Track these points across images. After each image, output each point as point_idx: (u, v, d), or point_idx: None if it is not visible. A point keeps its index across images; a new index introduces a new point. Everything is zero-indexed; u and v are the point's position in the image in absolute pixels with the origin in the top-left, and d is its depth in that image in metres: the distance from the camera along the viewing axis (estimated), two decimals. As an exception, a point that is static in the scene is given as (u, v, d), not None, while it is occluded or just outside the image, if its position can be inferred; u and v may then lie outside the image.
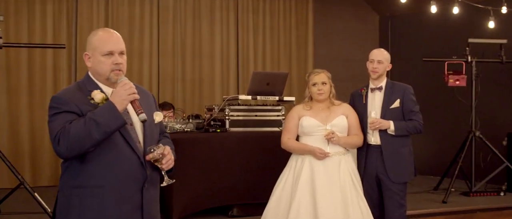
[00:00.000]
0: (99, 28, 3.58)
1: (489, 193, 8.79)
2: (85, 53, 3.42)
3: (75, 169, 3.25)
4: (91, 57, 3.39)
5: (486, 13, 9.25)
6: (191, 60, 10.78)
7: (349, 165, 5.45)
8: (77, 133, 3.10)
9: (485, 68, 9.15)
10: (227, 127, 6.93)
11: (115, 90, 3.26)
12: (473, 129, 8.84)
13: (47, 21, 9.65)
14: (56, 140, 3.13)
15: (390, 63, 5.82)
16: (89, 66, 3.42)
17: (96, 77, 3.40)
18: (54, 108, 3.22)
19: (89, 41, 3.41)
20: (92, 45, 3.38)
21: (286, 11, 11.56)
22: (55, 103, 3.23)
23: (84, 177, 3.24)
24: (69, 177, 3.28)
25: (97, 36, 3.40)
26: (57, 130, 3.14)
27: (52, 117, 3.21)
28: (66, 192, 3.28)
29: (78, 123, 3.13)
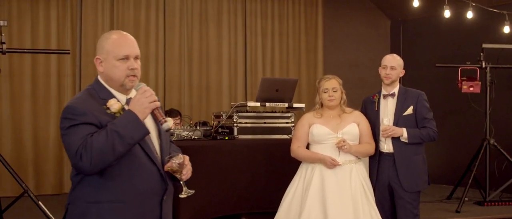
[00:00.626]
0: (112, 31, 3.36)
1: (504, 202, 8.66)
2: (97, 57, 3.23)
3: (92, 184, 3.06)
4: (104, 61, 3.20)
5: (501, 18, 9.14)
6: (198, 66, 10.66)
7: (360, 174, 5.41)
8: (99, 147, 2.92)
9: (500, 74, 9.02)
10: (235, 134, 6.81)
11: (135, 98, 3.09)
12: (487, 136, 8.71)
13: (51, 26, 9.54)
14: (77, 155, 2.93)
15: (403, 69, 5.70)
16: (101, 71, 3.23)
17: (109, 84, 3.22)
18: (70, 120, 3.00)
19: (102, 44, 3.22)
20: (105, 49, 3.19)
21: (295, 16, 11.44)
22: (70, 115, 3.01)
23: (103, 192, 3.07)
24: (85, 191, 3.09)
25: (111, 39, 3.22)
26: (77, 144, 2.94)
27: (68, 129, 3.00)
28: (81, 206, 3.10)
29: (99, 136, 2.95)
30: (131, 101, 3.10)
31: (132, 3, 10.12)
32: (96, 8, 9.86)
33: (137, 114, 3.02)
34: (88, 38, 9.68)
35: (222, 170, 6.72)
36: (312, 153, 5.43)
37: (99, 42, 3.24)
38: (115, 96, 3.19)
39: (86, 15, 9.81)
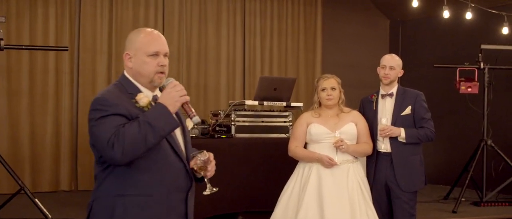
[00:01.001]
0: (142, 28, 3.37)
1: (500, 203, 8.66)
2: (126, 53, 3.23)
3: (119, 177, 3.06)
4: (133, 57, 3.21)
5: (500, 19, 9.14)
6: (196, 65, 10.64)
7: (357, 173, 5.41)
8: (132, 137, 2.93)
9: (498, 75, 9.02)
10: (233, 133, 6.82)
11: (166, 91, 3.13)
12: (485, 137, 8.72)
13: (50, 23, 9.48)
14: (109, 144, 2.92)
15: (401, 69, 5.70)
16: (130, 67, 3.23)
17: (136, 79, 3.23)
18: (100, 111, 3.00)
19: (132, 40, 3.24)
20: (135, 44, 3.21)
21: (294, 15, 11.42)
22: (100, 106, 3.01)
23: (130, 186, 3.06)
24: (111, 185, 3.08)
25: (143, 35, 3.24)
26: (109, 133, 2.93)
27: (99, 120, 2.99)
28: (106, 201, 3.09)
29: (131, 126, 2.96)
30: (161, 95, 3.13)
31: (131, 1, 10.08)
32: (95, 6, 9.82)
33: (168, 107, 3.05)
34: (87, 35, 9.65)
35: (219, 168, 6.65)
36: (309, 152, 5.42)
37: (129, 38, 3.26)
38: (143, 92, 3.21)
39: (85, 13, 9.76)
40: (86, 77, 9.58)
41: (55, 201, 8.33)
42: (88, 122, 3.04)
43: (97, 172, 3.15)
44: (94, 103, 3.02)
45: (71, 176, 9.49)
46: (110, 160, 2.99)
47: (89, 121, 3.03)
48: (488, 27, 9.69)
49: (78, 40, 9.68)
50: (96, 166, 3.15)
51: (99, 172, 3.13)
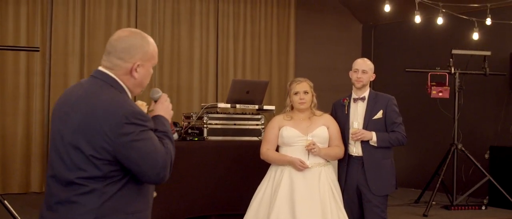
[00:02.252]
0: (142, 32, 3.05)
1: (470, 206, 8.75)
2: (137, 64, 2.93)
3: (132, 193, 2.87)
4: (141, 67, 2.96)
5: (470, 25, 9.22)
6: (169, 66, 10.59)
7: (329, 177, 5.41)
8: (173, 155, 2.91)
9: (469, 80, 9.11)
10: (205, 136, 6.79)
11: (164, 105, 3.12)
12: (455, 141, 8.80)
13: (21, 23, 9.38)
14: (164, 164, 2.82)
15: (373, 73, 5.71)
16: (135, 77, 2.96)
17: (130, 88, 2.99)
18: (140, 125, 2.77)
19: (144, 49, 2.96)
20: (147, 55, 2.97)
21: (267, 18, 11.43)
22: (139, 120, 2.77)
23: (140, 201, 2.93)
24: (123, 202, 2.84)
25: (153, 45, 3.01)
26: (162, 152, 2.82)
27: (140, 134, 2.77)
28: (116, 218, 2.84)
29: (170, 144, 2.92)
30: (159, 107, 3.10)
31: (104, 1, 10.02)
32: (67, 6, 9.73)
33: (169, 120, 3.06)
34: (59, 36, 9.56)
35: (191, 171, 6.69)
36: (281, 155, 5.42)
37: (139, 45, 2.96)
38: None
39: (57, 13, 9.66)
40: (57, 79, 9.48)
41: (25, 203, 8.25)
42: (120, 136, 2.73)
43: (98, 186, 2.80)
44: (129, 116, 2.75)
45: (42, 178, 9.37)
46: (158, 181, 2.86)
47: (125, 135, 2.73)
48: (459, 32, 9.78)
49: (49, 41, 9.59)
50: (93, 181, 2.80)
51: (103, 187, 2.80)
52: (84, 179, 2.78)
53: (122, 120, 2.73)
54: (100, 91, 2.85)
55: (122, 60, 2.93)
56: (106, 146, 2.72)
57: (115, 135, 2.72)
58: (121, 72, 2.94)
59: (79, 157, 2.77)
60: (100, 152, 2.74)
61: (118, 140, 2.72)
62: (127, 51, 2.92)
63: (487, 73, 9.00)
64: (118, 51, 2.93)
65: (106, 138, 2.72)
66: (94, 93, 2.85)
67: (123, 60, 2.93)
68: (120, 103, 2.80)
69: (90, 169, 2.76)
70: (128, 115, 2.75)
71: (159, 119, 3.02)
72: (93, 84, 2.91)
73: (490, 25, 9.12)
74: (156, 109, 3.08)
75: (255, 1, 11.32)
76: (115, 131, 2.72)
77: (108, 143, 2.72)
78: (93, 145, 2.74)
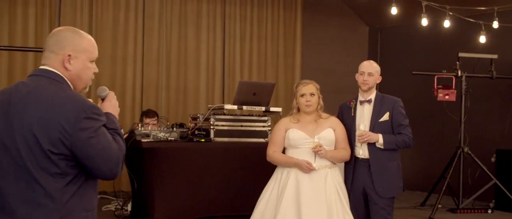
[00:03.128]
0: (76, 29, 3.04)
1: (476, 210, 8.73)
2: (68, 54, 2.88)
3: (89, 191, 2.86)
4: (75, 59, 2.89)
5: (477, 28, 9.22)
6: (176, 68, 10.63)
7: (335, 179, 5.38)
8: (124, 152, 2.89)
9: (475, 83, 9.11)
10: (212, 137, 6.79)
11: (111, 102, 3.08)
12: (461, 144, 8.80)
13: (29, 24, 9.45)
14: (117, 160, 2.81)
15: (380, 76, 5.70)
16: (68, 69, 2.89)
17: (72, 84, 2.93)
18: (96, 120, 2.75)
19: (76, 41, 2.91)
20: (80, 47, 2.91)
21: (274, 20, 11.45)
22: (95, 115, 2.75)
23: (93, 198, 2.92)
24: (81, 199, 2.80)
25: (87, 38, 2.97)
26: (115, 149, 2.81)
27: (98, 130, 2.75)
28: (78, 216, 2.79)
29: (121, 141, 2.89)
30: (108, 105, 3.06)
31: (112, 3, 10.07)
32: (75, 8, 9.79)
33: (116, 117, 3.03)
34: (66, 37, 9.61)
35: (198, 172, 6.71)
36: (287, 157, 5.41)
37: (70, 38, 2.93)
38: None
39: (65, 14, 9.73)
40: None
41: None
42: (79, 131, 2.69)
43: (58, 185, 2.74)
44: (87, 110, 2.72)
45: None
46: (111, 177, 2.83)
47: (83, 130, 2.70)
48: (466, 35, 9.77)
49: (57, 42, 9.61)
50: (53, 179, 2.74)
51: (63, 186, 2.74)
52: (43, 177, 2.72)
53: (80, 114, 2.70)
54: (50, 87, 2.82)
55: (53, 53, 2.90)
56: (63, 139, 2.68)
57: (73, 130, 2.68)
58: (55, 65, 2.89)
59: (36, 154, 2.71)
60: (57, 147, 2.69)
61: (76, 135, 2.69)
62: (58, 44, 2.90)
63: (494, 76, 9.01)
64: (50, 45, 2.91)
65: (64, 132, 2.68)
66: (43, 89, 2.80)
67: (55, 52, 2.89)
68: (77, 98, 2.77)
69: (49, 166, 2.72)
70: (86, 108, 2.72)
71: (108, 116, 2.96)
72: (38, 81, 2.86)
73: (497, 28, 9.12)
74: (105, 107, 3.03)
75: (262, 4, 11.34)
76: (73, 125, 2.68)
77: (65, 137, 2.68)
78: (50, 140, 2.68)
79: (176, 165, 6.63)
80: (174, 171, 6.61)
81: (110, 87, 3.05)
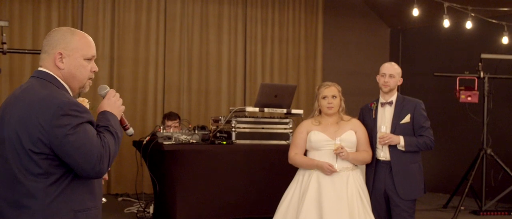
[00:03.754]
0: (68, 27, 3.05)
1: (499, 212, 8.68)
2: (59, 52, 2.89)
3: (79, 191, 2.81)
4: (67, 57, 2.89)
5: (499, 29, 9.16)
6: (197, 70, 10.66)
7: (357, 181, 5.39)
8: (113, 149, 2.82)
9: (498, 85, 9.05)
10: (233, 139, 6.82)
11: (111, 100, 3.03)
12: (484, 146, 8.74)
13: (52, 27, 9.48)
14: (98, 158, 2.72)
15: (401, 78, 5.69)
16: (61, 68, 2.90)
17: (66, 82, 2.94)
18: (76, 117, 2.71)
19: (66, 39, 2.91)
20: (71, 45, 2.90)
21: (295, 23, 11.44)
22: (74, 112, 2.72)
23: (90, 199, 2.87)
24: (71, 200, 2.78)
25: (80, 35, 2.95)
26: (97, 145, 2.74)
27: (77, 128, 2.70)
28: (67, 216, 2.77)
29: (109, 137, 2.84)
30: (106, 103, 3.03)
31: (133, 5, 10.14)
32: (97, 10, 9.87)
33: (117, 116, 3.00)
34: (89, 40, 9.69)
35: (219, 174, 6.74)
36: (309, 159, 5.42)
37: (61, 36, 2.93)
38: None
39: (87, 17, 9.82)
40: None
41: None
42: (55, 128, 2.68)
43: (41, 186, 2.72)
44: (64, 107, 2.70)
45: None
46: (94, 175, 2.79)
47: (59, 127, 2.67)
48: (488, 36, 9.71)
49: (80, 45, 9.69)
50: (36, 179, 2.73)
51: (46, 186, 2.73)
52: (26, 178, 2.73)
53: (57, 111, 2.68)
54: (38, 87, 2.83)
55: (46, 53, 2.92)
56: (42, 138, 2.68)
57: (50, 127, 2.67)
58: (48, 65, 2.91)
59: (19, 154, 2.72)
60: (37, 145, 2.69)
61: (52, 132, 2.67)
62: (49, 44, 2.92)
63: (517, 77, 8.95)
64: (43, 46, 2.95)
65: (41, 130, 2.67)
66: (31, 89, 2.83)
67: (47, 52, 2.92)
68: (55, 95, 2.76)
69: (31, 166, 2.71)
70: (63, 105, 2.70)
71: (103, 114, 2.96)
72: (31, 82, 2.90)
73: (519, 29, 9.07)
74: (102, 105, 3.02)
75: (283, 6, 11.34)
76: (50, 122, 2.67)
77: (43, 135, 2.68)
78: (31, 138, 2.69)
79: (197, 168, 6.66)
80: (195, 173, 6.64)
81: (132, 89, 3.07)
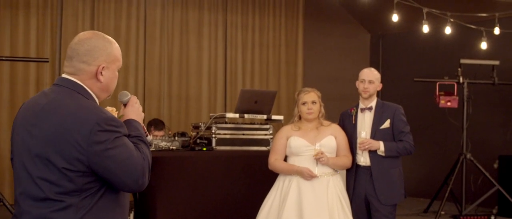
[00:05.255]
0: (104, 34, 2.87)
1: (479, 216, 8.71)
2: (102, 66, 2.75)
3: (109, 205, 2.70)
4: (106, 70, 2.76)
5: (478, 34, 9.22)
6: (178, 76, 10.63)
7: (337, 186, 5.40)
8: (150, 161, 2.73)
9: (477, 90, 9.10)
10: (214, 146, 6.79)
11: (134, 107, 2.94)
12: (464, 151, 8.78)
13: (31, 34, 9.46)
14: (141, 171, 2.64)
15: (380, 83, 5.71)
16: (101, 81, 2.77)
17: (95, 93, 2.80)
18: (113, 132, 2.59)
19: (108, 50, 2.78)
20: (111, 56, 2.78)
21: (275, 28, 11.45)
22: (111, 127, 2.59)
23: (119, 211, 2.76)
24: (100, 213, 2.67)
25: (116, 46, 2.83)
26: (138, 158, 2.64)
27: (115, 141, 2.58)
28: None
29: (145, 149, 2.74)
30: (130, 110, 2.93)
31: (113, 12, 10.09)
32: (77, 17, 9.81)
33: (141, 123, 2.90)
34: (68, 47, 9.62)
35: (199, 181, 6.70)
36: (289, 165, 5.42)
37: (103, 47, 2.77)
38: None
39: (66, 24, 9.75)
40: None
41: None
42: (94, 144, 2.54)
43: (73, 201, 2.60)
44: (101, 123, 2.57)
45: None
46: (137, 188, 2.68)
47: (98, 143, 2.54)
48: (467, 42, 9.78)
49: (59, 52, 9.66)
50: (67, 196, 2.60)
51: (77, 202, 2.61)
52: (58, 194, 2.59)
53: (94, 127, 2.54)
54: (67, 99, 2.67)
55: (85, 64, 2.73)
56: (79, 156, 2.55)
57: (88, 144, 2.54)
58: (86, 77, 2.75)
59: (51, 171, 2.58)
60: (74, 164, 2.56)
61: (91, 149, 2.54)
62: (90, 54, 2.73)
63: (496, 82, 8.99)
64: (81, 55, 2.73)
65: (79, 148, 2.54)
66: (60, 101, 2.66)
67: (87, 63, 2.73)
68: (90, 110, 2.61)
69: (64, 183, 2.58)
70: (100, 121, 2.57)
71: (131, 123, 2.85)
72: (58, 92, 2.72)
73: (498, 34, 9.12)
74: (127, 113, 2.91)
75: (263, 12, 11.35)
76: (87, 139, 2.54)
77: (81, 153, 2.54)
78: (65, 157, 2.55)
79: (178, 174, 6.62)
80: (176, 180, 6.60)
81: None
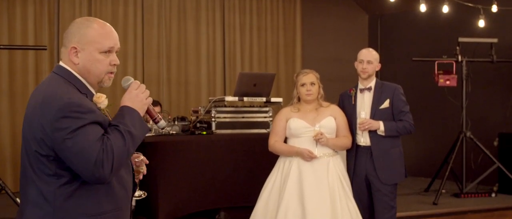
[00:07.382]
0: (90, 17, 2.88)
1: (480, 194, 8.72)
2: (73, 46, 2.72)
3: (93, 193, 2.66)
4: (81, 52, 2.72)
5: (476, 12, 9.18)
6: (176, 61, 10.62)
7: (338, 167, 5.43)
8: (119, 151, 2.58)
9: (476, 68, 9.09)
10: (214, 129, 6.81)
11: (132, 93, 2.79)
12: (464, 129, 8.79)
13: (28, 22, 9.46)
14: (98, 163, 2.51)
15: (379, 63, 5.72)
16: (75, 63, 2.73)
17: (84, 78, 2.78)
18: (76, 119, 2.53)
19: (81, 31, 2.74)
20: (86, 38, 2.72)
21: (273, 11, 11.43)
22: (75, 113, 2.53)
23: (107, 202, 2.71)
24: (84, 203, 2.64)
25: (94, 27, 2.77)
26: (96, 149, 2.52)
27: (76, 131, 2.52)
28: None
29: (116, 138, 2.60)
30: (127, 97, 2.79)
31: (110, -1, 10.10)
32: (74, 4, 9.79)
33: (138, 111, 2.76)
34: (66, 34, 9.63)
35: (200, 165, 6.72)
36: (289, 146, 5.45)
37: (76, 28, 2.76)
38: (92, 91, 2.81)
39: (64, 11, 9.73)
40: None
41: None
42: (55, 131, 2.53)
43: (52, 188, 2.61)
44: (64, 109, 2.53)
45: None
46: (95, 180, 2.57)
47: (58, 130, 2.52)
48: (465, 20, 9.74)
49: (57, 39, 9.65)
50: (47, 180, 2.62)
51: (56, 188, 2.61)
52: (37, 177, 2.63)
53: (56, 113, 2.52)
54: (47, 84, 2.70)
55: (64, 47, 2.78)
56: (45, 139, 2.56)
57: (51, 130, 2.53)
58: (66, 60, 2.77)
59: (30, 154, 2.64)
60: (43, 148, 2.58)
61: (53, 135, 2.53)
62: (66, 37, 2.78)
63: (495, 60, 8.97)
64: (63, 39, 2.81)
65: (45, 132, 2.55)
66: (41, 86, 2.72)
67: (64, 46, 2.78)
68: (58, 96, 2.58)
69: (39, 166, 2.62)
70: (63, 107, 2.53)
71: (121, 110, 2.76)
72: (47, 79, 2.78)
73: (496, 12, 9.09)
74: (122, 99, 2.80)
75: (261, -5, 11.35)
76: (51, 125, 2.53)
77: (46, 137, 2.56)
78: (37, 140, 2.58)
79: (178, 158, 6.64)
80: (176, 164, 6.62)
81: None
